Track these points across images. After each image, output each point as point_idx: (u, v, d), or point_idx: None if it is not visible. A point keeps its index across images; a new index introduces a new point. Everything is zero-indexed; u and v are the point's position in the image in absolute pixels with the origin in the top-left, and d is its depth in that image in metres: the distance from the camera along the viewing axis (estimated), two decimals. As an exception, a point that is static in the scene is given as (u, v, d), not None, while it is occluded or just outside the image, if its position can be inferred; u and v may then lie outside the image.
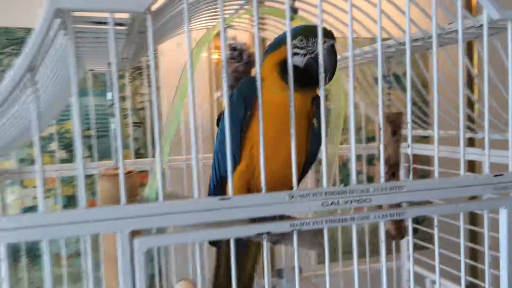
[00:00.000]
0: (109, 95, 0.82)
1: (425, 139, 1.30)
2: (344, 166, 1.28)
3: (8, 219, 0.42)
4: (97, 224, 0.44)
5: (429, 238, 1.21)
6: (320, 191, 0.50)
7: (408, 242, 1.16)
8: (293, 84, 0.51)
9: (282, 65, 0.61)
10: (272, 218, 0.51)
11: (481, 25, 0.59)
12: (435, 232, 0.57)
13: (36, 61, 0.44)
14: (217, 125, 0.72)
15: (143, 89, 1.10)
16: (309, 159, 0.68)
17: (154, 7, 0.47)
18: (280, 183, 0.58)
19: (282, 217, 0.56)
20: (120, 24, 0.53)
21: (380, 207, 0.56)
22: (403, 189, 0.53)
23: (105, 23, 0.48)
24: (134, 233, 0.46)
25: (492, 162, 0.58)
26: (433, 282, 1.08)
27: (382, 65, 0.62)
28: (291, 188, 0.50)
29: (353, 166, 0.54)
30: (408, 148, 0.55)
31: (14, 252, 1.01)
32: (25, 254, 1.01)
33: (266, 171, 0.49)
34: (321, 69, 0.52)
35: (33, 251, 1.05)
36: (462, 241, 0.58)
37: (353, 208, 0.54)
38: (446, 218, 0.94)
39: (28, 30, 1.03)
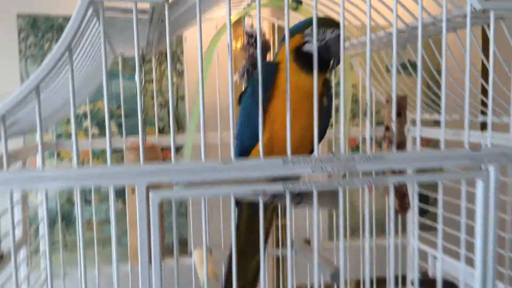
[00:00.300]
0: (136, 77, 0.91)
1: (437, 124, 1.35)
2: (357, 148, 1.35)
3: (49, 170, 0.52)
4: (121, 178, 0.53)
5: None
6: (310, 159, 0.58)
7: (413, 219, 1.22)
8: (306, 68, 0.60)
9: (297, 52, 0.69)
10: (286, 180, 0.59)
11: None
12: (415, 197, 0.64)
13: (73, 43, 0.53)
14: (238, 103, 0.80)
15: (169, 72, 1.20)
16: (322, 133, 0.77)
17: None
18: (296, 152, 0.67)
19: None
20: (143, 12, 0.62)
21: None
22: (384, 158, 0.60)
23: (130, 11, 0.57)
24: (150, 187, 0.55)
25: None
26: (435, 257, 1.15)
27: (396, 49, 0.68)
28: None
29: (341, 138, 0.61)
30: (393, 125, 0.62)
31: (51, 217, 1.13)
32: (61, 220, 1.13)
33: (285, 142, 0.57)
34: (315, 54, 0.59)
35: (67, 217, 1.17)
36: (440, 211, 0.65)
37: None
38: (452, 198, 0.99)
39: (66, 18, 1.14)
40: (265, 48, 1.01)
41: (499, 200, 0.63)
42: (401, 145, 0.96)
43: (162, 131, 1.19)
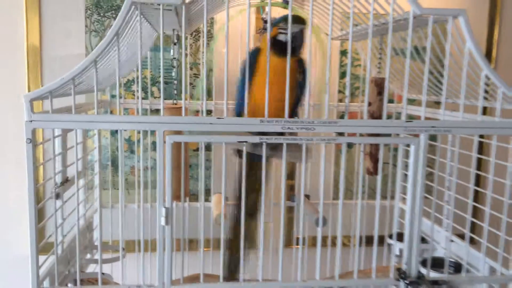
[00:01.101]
0: (171, 52, 1.16)
1: (438, 105, 1.51)
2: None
3: (102, 116, 0.78)
4: (147, 124, 0.78)
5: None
6: (281, 120, 0.81)
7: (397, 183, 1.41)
8: (278, 52, 0.82)
9: (273, 40, 0.92)
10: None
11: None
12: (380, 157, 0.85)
13: (120, 30, 0.78)
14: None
15: (201, 48, 1.44)
16: (296, 100, 0.99)
17: None
18: (275, 114, 0.89)
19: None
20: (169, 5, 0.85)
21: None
22: (337, 123, 0.81)
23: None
24: (167, 133, 0.80)
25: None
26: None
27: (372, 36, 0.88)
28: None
29: (306, 107, 0.83)
30: (346, 99, 0.83)
31: (103, 162, 1.43)
32: (111, 164, 1.43)
33: (264, 107, 0.81)
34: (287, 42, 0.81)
35: (116, 163, 1.46)
36: (382, 171, 0.85)
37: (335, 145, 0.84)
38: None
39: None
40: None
41: (426, 160, 0.83)
42: (379, 117, 1.16)
43: (197, 97, 1.45)
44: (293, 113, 1.01)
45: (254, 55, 0.94)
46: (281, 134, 0.84)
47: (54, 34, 1.39)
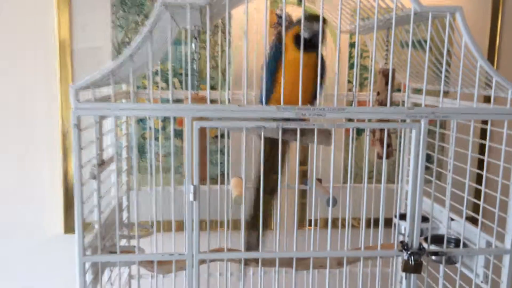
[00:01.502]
0: (192, 46, 1.26)
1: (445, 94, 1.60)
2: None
3: (131, 104, 0.89)
4: (176, 111, 0.89)
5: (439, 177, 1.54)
6: (295, 107, 0.91)
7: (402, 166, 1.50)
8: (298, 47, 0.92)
9: (295, 37, 1.01)
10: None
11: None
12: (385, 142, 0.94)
13: (152, 27, 0.88)
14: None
15: (219, 41, 1.54)
16: (314, 93, 1.09)
17: None
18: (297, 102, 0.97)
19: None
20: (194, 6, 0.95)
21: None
22: (345, 110, 0.91)
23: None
24: (194, 119, 0.90)
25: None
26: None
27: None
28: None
29: (318, 97, 0.93)
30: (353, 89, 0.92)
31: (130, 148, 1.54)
32: (137, 150, 1.54)
33: (288, 96, 0.91)
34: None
35: (141, 149, 1.57)
36: (385, 152, 0.95)
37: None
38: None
39: (145, -3, 1.50)
40: (290, 27, 1.32)
41: (427, 143, 0.92)
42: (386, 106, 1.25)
43: (213, 87, 1.55)
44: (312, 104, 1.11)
45: (279, 50, 1.03)
46: (302, 120, 0.94)
47: (83, 28, 1.49)
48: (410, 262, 0.95)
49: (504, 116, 0.93)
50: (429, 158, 1.50)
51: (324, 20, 1.00)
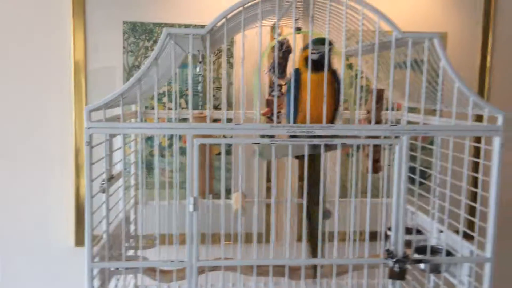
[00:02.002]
0: (196, 69, 1.36)
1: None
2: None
3: (138, 124, 0.98)
4: (179, 130, 0.98)
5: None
6: (288, 125, 0.99)
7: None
8: (312, 69, 1.01)
9: (306, 59, 1.11)
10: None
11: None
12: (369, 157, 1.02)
13: (159, 55, 0.98)
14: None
15: (222, 64, 1.64)
16: (336, 105, 1.18)
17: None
18: (320, 120, 1.05)
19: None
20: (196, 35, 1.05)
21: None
22: (333, 127, 0.99)
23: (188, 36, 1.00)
24: (194, 136, 0.99)
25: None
26: (413, 213, 1.50)
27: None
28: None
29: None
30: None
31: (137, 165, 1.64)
32: (145, 167, 1.63)
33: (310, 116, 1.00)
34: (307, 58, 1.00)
35: (149, 165, 1.67)
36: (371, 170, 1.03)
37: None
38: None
39: (155, 24, 1.61)
40: (288, 51, 1.42)
41: (409, 158, 1.00)
42: (378, 123, 1.33)
43: (217, 107, 1.65)
44: (334, 118, 1.19)
45: (297, 74, 1.15)
46: (314, 137, 1.01)
47: (97, 52, 1.61)
48: (395, 269, 1.02)
49: (481, 133, 1.01)
50: (424, 174, 1.57)
51: (330, 42, 1.09)
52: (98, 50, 1.61)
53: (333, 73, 1.15)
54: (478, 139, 1.10)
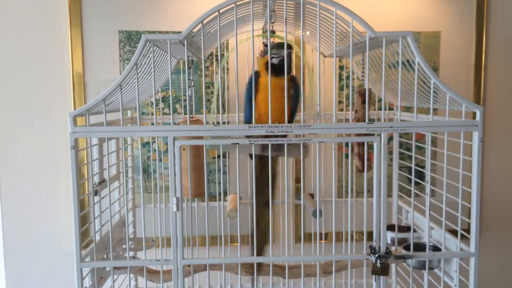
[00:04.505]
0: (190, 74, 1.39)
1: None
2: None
3: (132, 127, 1.01)
4: (162, 132, 1.01)
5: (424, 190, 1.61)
6: (265, 125, 1.01)
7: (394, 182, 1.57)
8: (272, 73, 1.03)
9: (266, 64, 1.13)
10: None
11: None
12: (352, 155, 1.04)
13: (138, 60, 1.02)
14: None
15: (215, 69, 1.67)
16: (292, 110, 1.20)
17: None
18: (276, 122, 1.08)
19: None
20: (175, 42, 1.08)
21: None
22: (310, 126, 1.01)
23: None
24: (175, 138, 1.02)
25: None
26: (407, 211, 1.50)
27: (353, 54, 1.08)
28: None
29: (286, 115, 1.03)
30: (316, 106, 1.03)
31: (136, 169, 1.68)
32: (142, 172, 1.67)
33: (263, 115, 1.02)
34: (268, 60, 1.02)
35: (147, 170, 1.71)
36: (355, 165, 1.04)
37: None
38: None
39: (150, 32, 1.65)
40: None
41: (387, 155, 1.01)
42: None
43: (211, 111, 1.68)
44: (291, 121, 1.21)
45: (256, 77, 1.16)
46: (283, 136, 1.03)
47: (94, 63, 1.66)
48: (378, 265, 1.02)
49: (458, 128, 1.02)
50: (421, 174, 1.57)
51: (290, 46, 1.12)
52: (95, 59, 1.66)
53: (291, 78, 1.17)
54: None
